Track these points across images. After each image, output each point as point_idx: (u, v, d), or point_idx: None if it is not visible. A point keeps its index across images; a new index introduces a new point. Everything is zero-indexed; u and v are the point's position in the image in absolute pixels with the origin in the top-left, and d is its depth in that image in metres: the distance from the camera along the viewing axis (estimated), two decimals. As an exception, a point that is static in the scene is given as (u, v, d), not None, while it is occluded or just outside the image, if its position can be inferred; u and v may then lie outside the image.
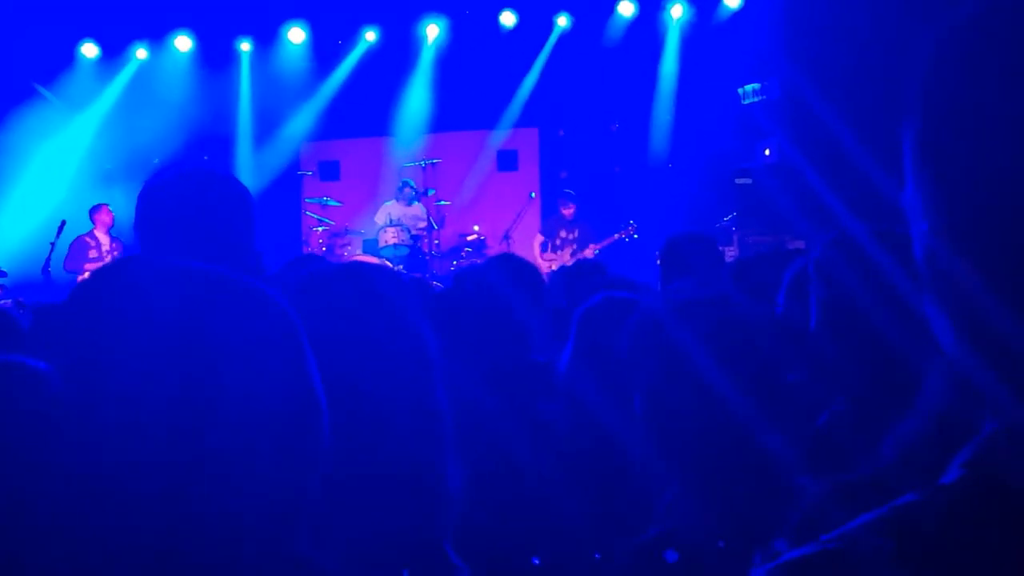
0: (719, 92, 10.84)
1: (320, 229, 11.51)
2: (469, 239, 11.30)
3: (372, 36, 12.43)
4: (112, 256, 9.98)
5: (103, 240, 10.23)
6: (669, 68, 11.67)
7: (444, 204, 11.53)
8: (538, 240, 11.01)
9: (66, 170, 12.14)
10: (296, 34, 12.44)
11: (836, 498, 1.28)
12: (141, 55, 12.67)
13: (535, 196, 11.91)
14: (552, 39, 12.12)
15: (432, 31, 12.25)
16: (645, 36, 11.69)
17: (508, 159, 12.70)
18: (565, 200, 10.92)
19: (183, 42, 12.50)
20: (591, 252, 10.42)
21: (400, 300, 1.44)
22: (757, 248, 8.58)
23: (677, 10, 11.60)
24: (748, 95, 10.72)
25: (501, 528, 2.09)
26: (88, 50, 12.57)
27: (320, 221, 11.63)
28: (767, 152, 10.18)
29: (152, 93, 12.25)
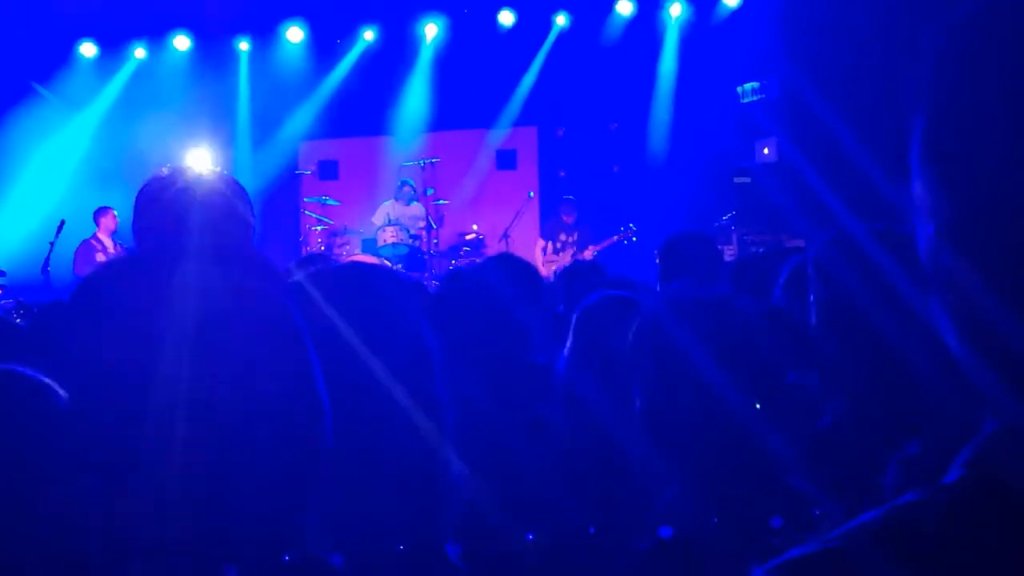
0: (718, 91, 10.85)
1: (319, 228, 11.50)
2: (468, 238, 11.30)
3: (371, 35, 12.43)
4: (117, 259, 9.93)
5: (108, 243, 10.20)
6: (668, 67, 11.67)
7: (443, 203, 11.52)
8: (539, 244, 11.01)
9: (65, 169, 12.14)
10: (295, 33, 12.44)
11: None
12: (140, 54, 12.67)
13: (533, 195, 11.91)
14: (551, 38, 12.11)
15: (431, 30, 12.25)
16: (644, 35, 11.69)
17: (507, 158, 12.69)
18: (566, 206, 10.93)
19: (182, 41, 12.50)
20: (590, 254, 10.42)
21: (400, 300, 1.45)
22: (756, 247, 8.59)
23: (676, 9, 11.59)
24: (747, 94, 10.72)
25: (500, 528, 2.08)
26: (87, 49, 12.57)
27: (319, 220, 11.62)
28: (766, 151, 10.19)
29: (151, 92, 12.25)
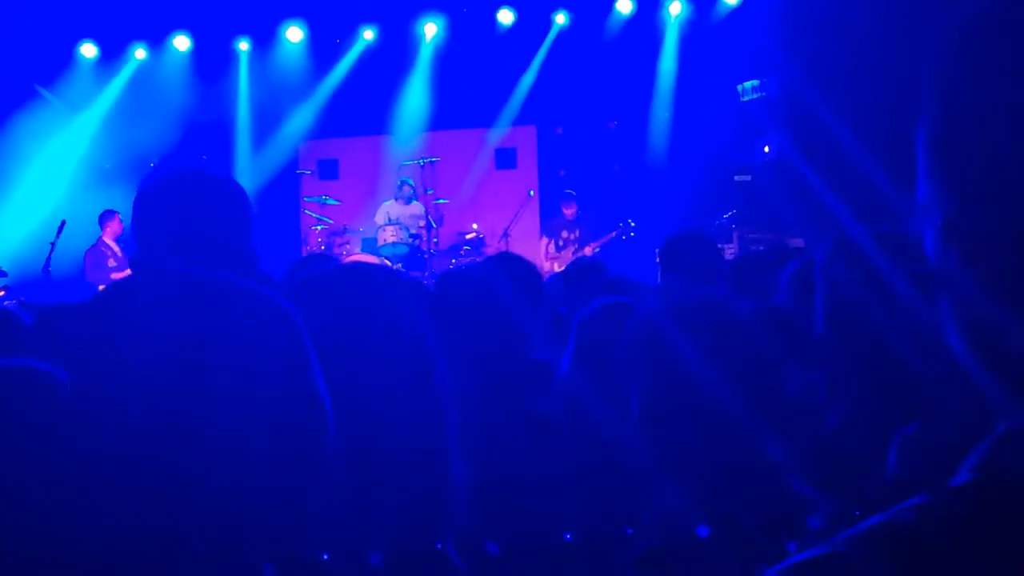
0: (718, 89, 10.84)
1: (319, 228, 11.50)
2: (468, 237, 11.31)
3: (370, 35, 12.43)
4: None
5: (115, 248, 10.21)
6: (668, 65, 11.67)
7: (443, 202, 11.52)
8: (543, 242, 11.01)
9: (65, 170, 12.14)
10: (294, 33, 12.43)
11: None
12: (140, 55, 12.67)
13: (533, 194, 11.91)
14: (550, 37, 12.11)
15: (430, 29, 12.25)
16: (643, 33, 11.68)
17: (507, 157, 12.69)
18: (567, 200, 10.93)
19: (181, 42, 12.50)
20: (590, 251, 10.42)
21: (400, 300, 1.44)
22: (756, 245, 8.59)
23: (675, 7, 11.59)
24: (747, 92, 10.72)
25: (500, 527, 2.08)
26: (87, 50, 12.57)
27: (319, 220, 11.62)
28: (766, 149, 10.19)
29: (151, 93, 12.26)
